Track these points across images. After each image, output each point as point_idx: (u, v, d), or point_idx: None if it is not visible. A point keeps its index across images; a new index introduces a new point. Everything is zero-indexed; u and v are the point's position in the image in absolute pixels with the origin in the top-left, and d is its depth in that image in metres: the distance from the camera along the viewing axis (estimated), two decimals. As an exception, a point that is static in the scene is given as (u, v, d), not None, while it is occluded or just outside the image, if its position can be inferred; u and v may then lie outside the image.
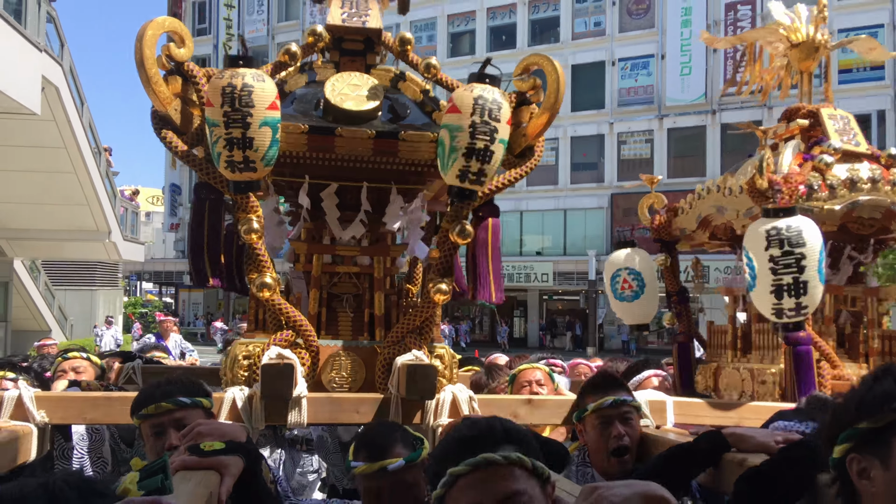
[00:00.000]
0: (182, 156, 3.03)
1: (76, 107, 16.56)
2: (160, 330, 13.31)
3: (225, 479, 1.90)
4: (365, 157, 3.15)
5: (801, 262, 3.04)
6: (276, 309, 3.01)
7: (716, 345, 4.23)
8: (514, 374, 3.87)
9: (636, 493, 1.51)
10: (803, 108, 3.94)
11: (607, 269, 4.41)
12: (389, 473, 2.35)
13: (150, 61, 2.86)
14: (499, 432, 1.67)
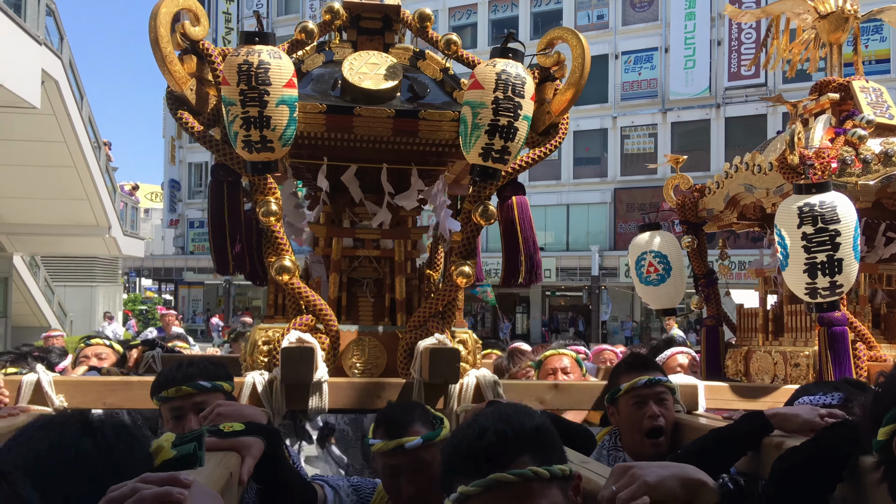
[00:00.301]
0: (198, 136, 2.94)
1: (76, 101, 16.50)
2: (162, 324, 13.34)
3: (246, 460, 1.88)
4: (384, 137, 3.08)
5: (835, 239, 2.95)
6: (296, 293, 2.93)
7: (746, 328, 4.13)
8: (540, 360, 3.80)
9: (673, 474, 1.47)
10: (834, 82, 3.85)
11: (632, 253, 4.29)
12: (407, 451, 2.31)
13: (164, 40, 2.78)
14: (511, 442, 1.52)
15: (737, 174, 3.77)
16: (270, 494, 2.05)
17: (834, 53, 4.00)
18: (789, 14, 4.17)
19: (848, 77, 3.88)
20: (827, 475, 2.00)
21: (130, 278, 42.62)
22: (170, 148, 40.22)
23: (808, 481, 2.01)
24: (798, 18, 4.08)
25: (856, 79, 3.85)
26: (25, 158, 16.44)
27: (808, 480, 2.01)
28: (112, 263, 29.46)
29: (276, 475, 2.01)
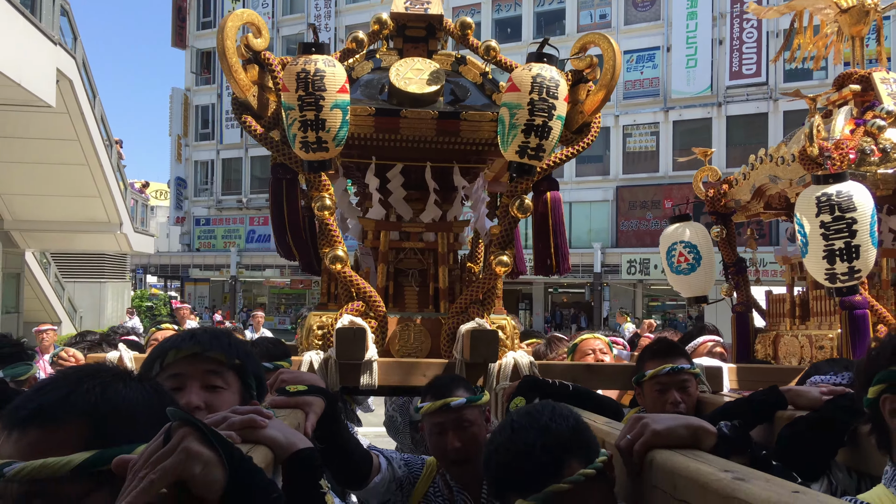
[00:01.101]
0: (260, 138, 3.20)
1: (89, 99, 16.69)
2: (177, 317, 13.63)
3: (309, 416, 2.08)
4: (428, 137, 3.33)
5: (852, 226, 3.13)
6: (348, 281, 3.18)
7: (774, 313, 4.31)
8: (574, 343, 4.01)
9: (680, 423, 1.63)
10: (855, 73, 3.97)
11: (663, 243, 4.49)
12: (452, 410, 2.59)
13: (230, 51, 3.04)
14: (556, 453, 1.58)
15: (762, 165, 3.94)
16: (330, 454, 2.26)
17: (856, 46, 4.12)
18: (812, 9, 4.31)
19: (869, 69, 4.00)
20: (828, 441, 2.22)
21: (137, 275, 42.79)
22: (176, 146, 40.42)
23: (811, 446, 2.22)
24: (820, 13, 4.23)
25: (877, 70, 3.97)
26: (40, 156, 16.65)
27: (811, 445, 2.22)
28: (120, 260, 29.65)
29: (335, 434, 2.22)
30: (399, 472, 2.69)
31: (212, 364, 1.80)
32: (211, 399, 1.76)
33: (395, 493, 2.67)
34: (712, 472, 1.34)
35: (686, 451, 1.54)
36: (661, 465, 1.53)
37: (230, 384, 1.82)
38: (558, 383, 2.65)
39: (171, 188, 41.59)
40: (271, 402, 2.13)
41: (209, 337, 1.84)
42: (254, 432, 1.51)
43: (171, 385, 1.76)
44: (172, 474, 1.12)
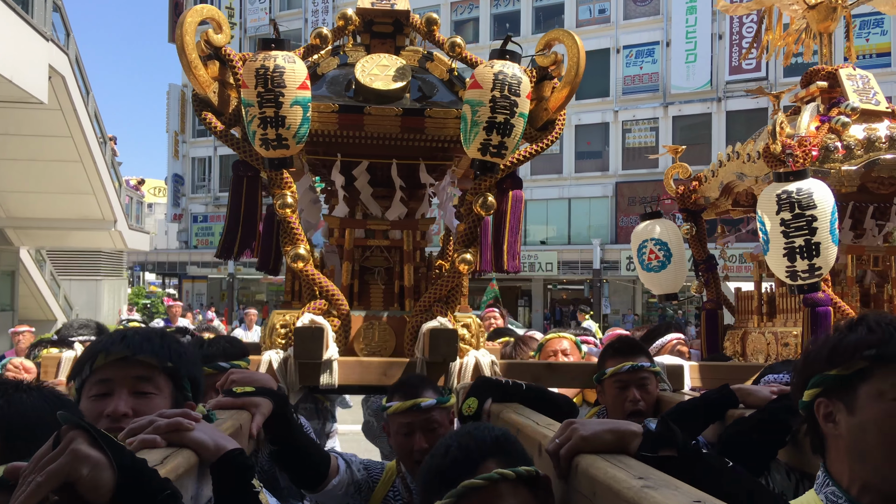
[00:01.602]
0: (220, 135, 3.17)
1: (82, 96, 16.68)
2: (169, 315, 13.70)
3: (255, 417, 2.09)
4: (393, 134, 3.30)
5: (812, 224, 3.11)
6: (310, 279, 3.16)
7: (743, 310, 4.30)
8: (541, 343, 4.01)
9: (607, 428, 1.64)
10: (822, 70, 3.96)
11: (634, 241, 4.49)
12: (421, 411, 2.57)
13: (189, 47, 3.01)
14: (473, 451, 1.62)
15: (729, 163, 3.94)
16: (284, 455, 2.27)
17: (823, 43, 4.11)
18: (780, 6, 4.30)
19: (837, 65, 3.99)
20: (769, 442, 2.23)
21: (134, 272, 42.81)
22: (173, 143, 40.41)
23: (751, 447, 2.23)
24: (789, 10, 4.22)
25: (843, 67, 3.96)
26: (33, 153, 16.64)
27: (751, 446, 2.23)
28: (117, 257, 29.66)
29: (287, 436, 2.22)
30: (358, 475, 2.67)
31: (141, 369, 1.77)
32: (139, 405, 1.72)
33: (354, 497, 2.64)
34: (625, 479, 1.36)
35: (611, 456, 1.55)
36: (584, 470, 1.54)
37: (161, 389, 1.79)
38: (511, 382, 2.62)
39: (168, 185, 41.61)
40: (216, 402, 2.12)
41: (140, 339, 1.79)
42: (179, 435, 1.51)
43: (100, 390, 1.74)
44: (59, 477, 1.12)
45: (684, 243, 4.41)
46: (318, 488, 2.49)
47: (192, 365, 1.90)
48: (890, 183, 3.72)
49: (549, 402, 2.60)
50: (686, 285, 4.68)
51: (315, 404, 4.30)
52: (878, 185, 3.72)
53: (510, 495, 1.57)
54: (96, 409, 1.71)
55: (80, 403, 1.75)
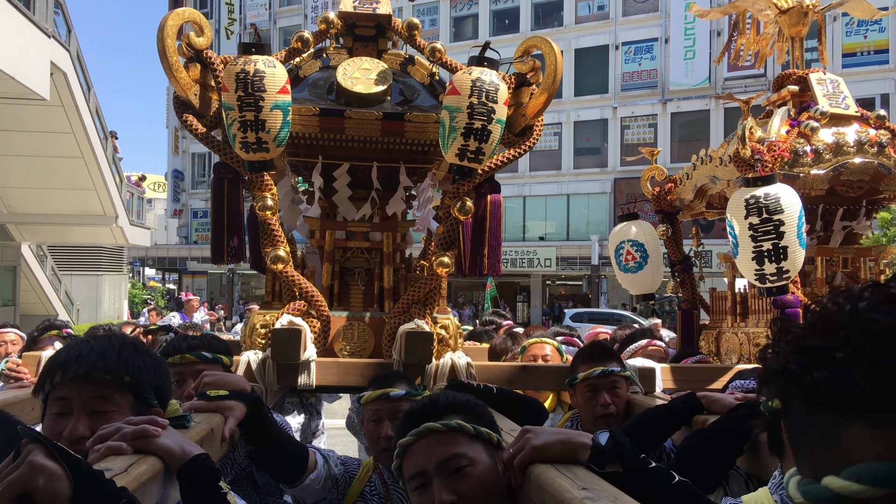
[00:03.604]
0: (201, 137, 3.22)
1: (83, 92, 16.71)
2: (185, 308, 13.86)
3: (228, 420, 2.14)
4: (374, 137, 3.33)
5: (779, 228, 3.15)
6: (290, 281, 3.20)
7: (718, 311, 4.34)
8: (524, 346, 4.05)
9: (559, 439, 1.70)
10: (794, 74, 4.00)
11: (611, 242, 4.52)
12: (390, 399, 2.64)
13: (171, 50, 3.05)
14: (442, 405, 1.77)
15: (702, 166, 3.98)
16: (261, 454, 2.31)
17: (795, 47, 4.13)
18: (752, 10, 4.34)
19: (808, 70, 4.01)
20: (726, 451, 2.29)
21: (135, 268, 42.88)
22: (173, 138, 40.45)
23: (708, 458, 2.29)
24: (761, 14, 4.26)
25: (813, 71, 3.98)
26: (34, 149, 16.69)
27: (708, 457, 2.29)
28: (117, 253, 29.73)
29: (262, 436, 2.27)
30: (335, 471, 2.72)
31: (99, 388, 1.76)
32: (97, 425, 1.70)
33: (331, 492, 2.69)
34: (569, 489, 1.42)
35: (564, 467, 1.60)
36: (535, 479, 1.60)
37: (120, 406, 1.78)
38: (483, 386, 2.68)
39: (168, 180, 41.65)
40: (190, 406, 2.17)
41: (95, 357, 1.78)
42: (146, 442, 1.57)
43: (59, 409, 1.75)
44: (17, 487, 1.17)
45: (661, 244, 4.46)
46: (297, 483, 2.54)
47: (154, 374, 1.88)
48: (858, 186, 3.74)
49: (519, 405, 2.66)
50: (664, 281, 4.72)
51: (301, 399, 4.35)
52: (847, 188, 3.75)
53: (466, 446, 1.70)
54: (56, 427, 1.73)
55: (44, 418, 1.78)
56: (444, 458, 1.68)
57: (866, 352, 0.71)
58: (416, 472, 1.71)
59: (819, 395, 0.73)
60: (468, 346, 5.21)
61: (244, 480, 2.77)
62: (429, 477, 1.69)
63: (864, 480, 0.68)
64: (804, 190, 3.53)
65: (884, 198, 3.95)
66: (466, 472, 1.67)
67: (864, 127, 3.68)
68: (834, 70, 4.23)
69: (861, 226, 3.98)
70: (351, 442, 5.01)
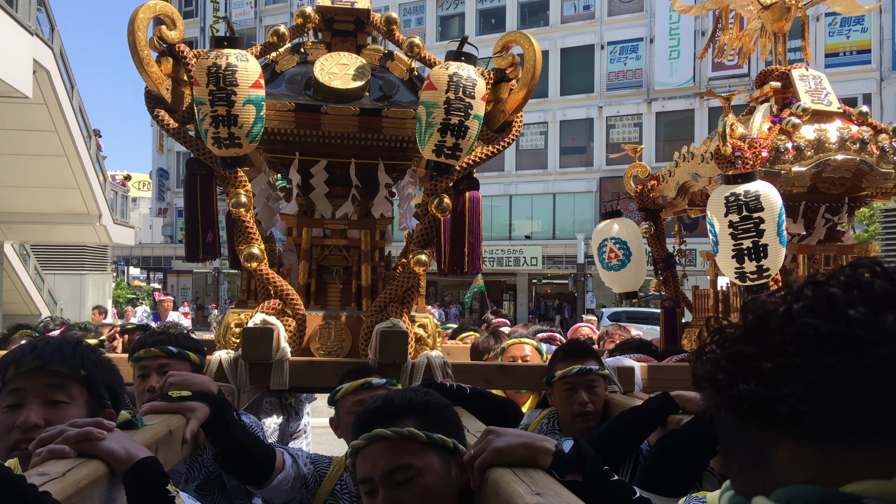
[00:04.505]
0: (173, 133, 3.15)
1: (66, 90, 16.57)
2: (159, 309, 13.70)
3: (190, 422, 2.08)
4: (351, 133, 3.28)
5: (759, 226, 3.12)
6: (264, 279, 3.15)
7: (700, 308, 4.30)
8: (504, 347, 4.01)
9: (521, 442, 1.66)
10: (776, 70, 3.95)
11: (595, 240, 4.47)
12: (372, 388, 2.61)
13: (142, 43, 2.98)
14: (395, 407, 1.68)
15: (685, 163, 3.94)
16: (226, 456, 2.26)
17: (778, 43, 4.09)
18: (734, 5, 4.31)
19: (790, 66, 3.98)
20: (700, 453, 2.26)
21: (119, 267, 42.60)
22: (158, 137, 40.14)
23: (679, 461, 2.27)
24: (744, 10, 4.23)
25: (796, 67, 3.94)
26: (17, 148, 16.54)
27: (679, 460, 2.27)
28: (101, 252, 29.50)
29: (226, 437, 2.21)
30: (304, 470, 2.66)
31: (54, 378, 1.74)
32: (52, 415, 1.71)
33: (301, 491, 2.64)
34: (522, 494, 1.39)
35: (522, 471, 1.57)
36: (491, 483, 1.56)
37: (75, 398, 1.77)
38: (456, 386, 2.63)
39: (153, 179, 41.40)
40: (150, 406, 2.12)
41: (51, 350, 1.77)
42: (90, 445, 1.52)
43: (13, 401, 1.73)
44: None
45: (643, 242, 4.43)
46: (264, 484, 2.49)
47: (110, 373, 1.88)
48: (840, 183, 3.72)
49: (493, 405, 2.62)
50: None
51: (280, 399, 4.29)
52: (829, 185, 3.72)
53: (416, 455, 1.62)
54: (8, 420, 1.70)
55: None
56: (390, 469, 1.62)
57: (797, 363, 0.62)
58: (365, 478, 1.66)
59: (746, 410, 0.66)
60: (451, 344, 5.18)
61: (212, 485, 2.72)
62: (376, 485, 1.63)
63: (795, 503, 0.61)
64: (786, 187, 3.50)
65: (866, 195, 3.93)
66: (414, 483, 1.61)
67: (846, 123, 3.65)
68: (817, 70, 4.22)
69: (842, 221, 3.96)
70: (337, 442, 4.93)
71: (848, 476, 0.59)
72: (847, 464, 0.60)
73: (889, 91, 28.06)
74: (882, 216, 17.68)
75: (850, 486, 0.59)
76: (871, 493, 0.58)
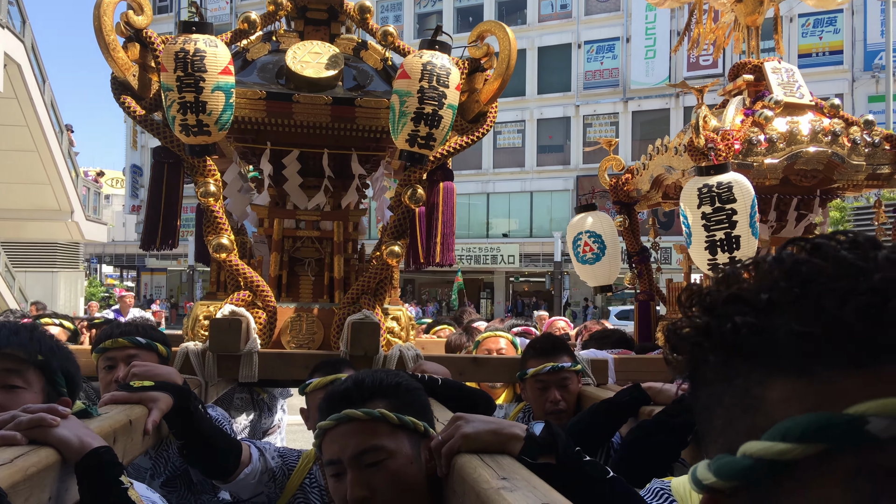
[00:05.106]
0: (140, 120, 3.08)
1: (38, 84, 16.38)
2: (120, 306, 13.44)
3: (152, 412, 2.03)
4: (324, 123, 3.22)
5: (732, 217, 3.11)
6: (234, 270, 3.08)
7: (674, 302, 4.28)
8: (478, 340, 3.98)
9: (490, 429, 1.63)
10: (749, 63, 3.95)
11: (569, 234, 4.45)
12: None
13: (108, 28, 2.91)
14: (366, 388, 1.65)
15: (658, 156, 3.94)
16: (190, 449, 2.20)
17: (751, 36, 4.10)
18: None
19: (763, 58, 3.98)
20: (671, 443, 2.24)
21: (92, 265, 42.06)
22: (132, 133, 39.68)
23: (653, 450, 2.25)
24: (717, 3, 4.23)
25: (768, 60, 3.94)
26: (-14, 142, 16.33)
27: (653, 449, 2.25)
28: (73, 249, 29.11)
29: (190, 429, 2.16)
30: (272, 464, 2.60)
31: (9, 362, 1.72)
32: (6, 400, 1.67)
33: (268, 485, 2.58)
34: (487, 479, 1.36)
35: (489, 456, 1.53)
36: (458, 469, 1.53)
37: (31, 383, 1.74)
38: (427, 377, 2.59)
39: (126, 176, 40.91)
40: (111, 397, 2.06)
41: (8, 333, 1.74)
42: (42, 432, 1.48)
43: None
44: None
45: (618, 235, 4.41)
46: (230, 479, 2.43)
47: (67, 360, 1.84)
48: (812, 176, 3.72)
49: (465, 397, 2.58)
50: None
51: (252, 395, 4.22)
52: (801, 177, 3.72)
53: (387, 437, 1.60)
54: None
55: None
56: (360, 450, 1.58)
57: (795, 292, 0.61)
58: (332, 460, 1.62)
59: (739, 345, 0.63)
60: (425, 339, 5.14)
61: (178, 480, 2.66)
62: (344, 467, 1.59)
63: (792, 437, 0.57)
64: (758, 179, 3.50)
65: (837, 187, 3.95)
66: (384, 466, 1.58)
67: (818, 116, 3.66)
68: (791, 69, 4.30)
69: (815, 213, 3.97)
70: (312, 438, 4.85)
71: (848, 405, 0.57)
72: (846, 392, 0.58)
73: (860, 91, 28.41)
74: (853, 215, 17.89)
75: (852, 409, 0.57)
76: (875, 410, 0.56)
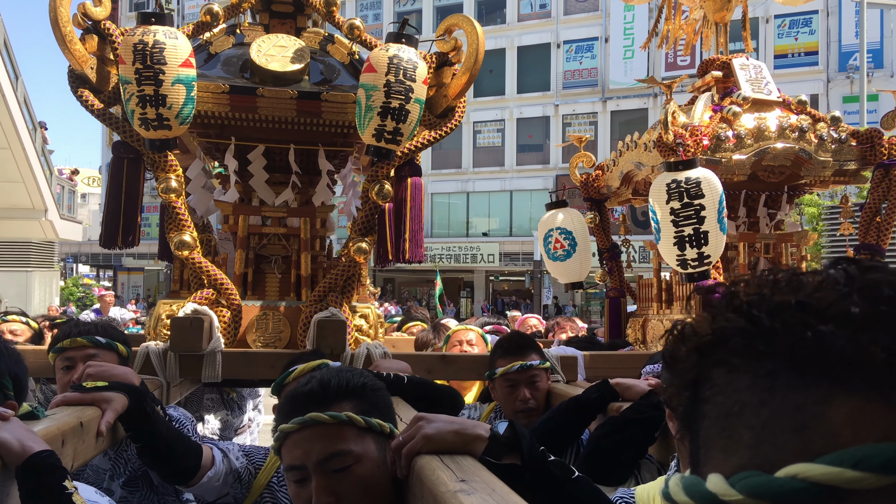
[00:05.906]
0: (99, 114, 3.01)
1: (10, 80, 16.16)
2: (100, 304, 13.33)
3: (106, 413, 1.96)
4: (289, 118, 3.16)
5: (700, 213, 3.09)
6: (197, 268, 3.02)
7: (644, 298, 4.27)
8: (448, 334, 3.95)
9: (452, 429, 1.58)
10: (717, 60, 3.94)
11: (540, 230, 4.43)
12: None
13: (64, 19, 2.84)
14: (332, 390, 1.58)
15: (628, 152, 3.92)
16: (148, 451, 2.13)
17: (719, 32, 4.08)
18: None
19: (731, 55, 3.97)
20: (638, 440, 2.22)
21: (67, 264, 41.57)
22: (108, 131, 39.23)
23: (620, 446, 2.23)
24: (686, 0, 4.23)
25: (736, 56, 3.93)
26: (-45, 140, 16.08)
27: (620, 445, 2.23)
28: (48, 248, 28.71)
29: (147, 431, 2.09)
30: (237, 464, 2.53)
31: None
32: None
33: (234, 486, 2.51)
34: (445, 481, 1.32)
35: (449, 457, 1.49)
36: (418, 471, 1.48)
37: None
38: (393, 376, 2.53)
39: (102, 174, 40.48)
40: (62, 398, 2.00)
41: None
42: None
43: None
44: None
45: (589, 232, 4.39)
46: (191, 482, 2.37)
47: (14, 363, 1.77)
48: (780, 172, 3.73)
49: (432, 395, 2.53)
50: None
51: (221, 395, 4.15)
52: (769, 173, 3.72)
53: (353, 441, 1.54)
54: None
55: None
56: (326, 455, 1.51)
57: (882, 310, 0.55)
58: (295, 465, 1.54)
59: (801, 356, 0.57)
60: (395, 336, 5.09)
61: (140, 480, 2.58)
62: (308, 472, 1.52)
63: (868, 466, 0.52)
64: (726, 175, 3.49)
65: (805, 183, 3.95)
66: (351, 471, 1.52)
67: (785, 112, 3.66)
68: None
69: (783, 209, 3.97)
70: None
71: None
72: None
73: (835, 92, 28.65)
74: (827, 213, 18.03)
75: None
76: None
